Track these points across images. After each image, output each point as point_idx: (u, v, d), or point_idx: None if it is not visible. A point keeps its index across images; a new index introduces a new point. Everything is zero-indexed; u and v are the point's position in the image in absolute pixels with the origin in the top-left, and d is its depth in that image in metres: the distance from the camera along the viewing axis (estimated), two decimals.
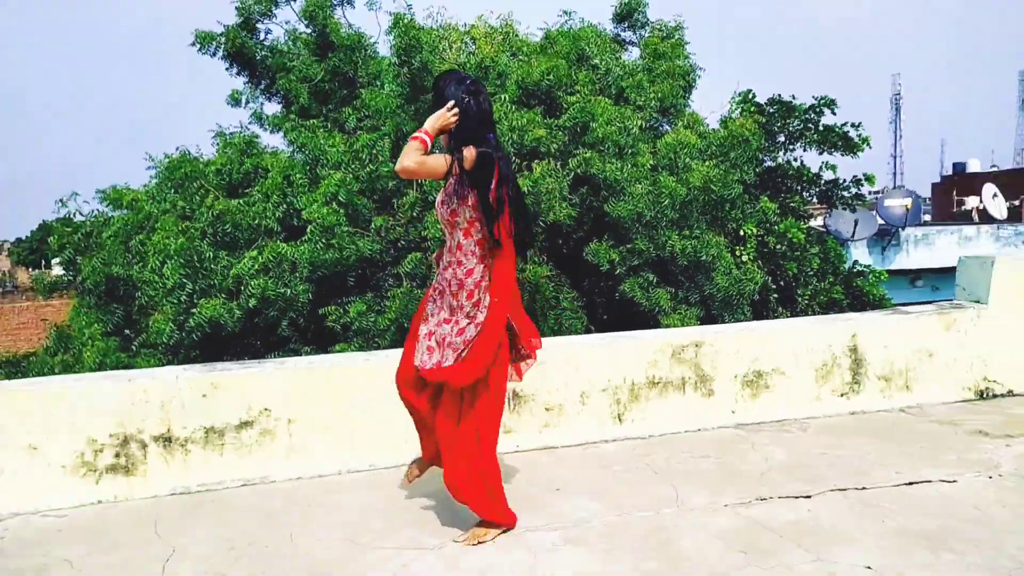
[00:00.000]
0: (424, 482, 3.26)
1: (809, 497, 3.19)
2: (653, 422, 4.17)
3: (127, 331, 7.29)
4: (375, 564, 2.74)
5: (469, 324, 2.81)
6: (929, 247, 13.42)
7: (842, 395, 4.44)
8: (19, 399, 3.45)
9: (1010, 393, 4.65)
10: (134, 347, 7.05)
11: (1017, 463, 3.48)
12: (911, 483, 3.30)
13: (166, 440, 3.54)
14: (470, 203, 2.79)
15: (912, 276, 13.77)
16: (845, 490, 3.25)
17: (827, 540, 2.78)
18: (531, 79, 7.01)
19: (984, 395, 4.61)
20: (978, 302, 4.73)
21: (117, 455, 3.49)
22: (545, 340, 4.48)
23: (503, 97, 6.70)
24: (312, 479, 3.66)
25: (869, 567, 2.56)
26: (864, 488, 3.27)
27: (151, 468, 3.52)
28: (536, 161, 6.10)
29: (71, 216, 7.60)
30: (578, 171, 6.05)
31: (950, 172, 38.69)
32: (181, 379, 3.57)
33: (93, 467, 3.47)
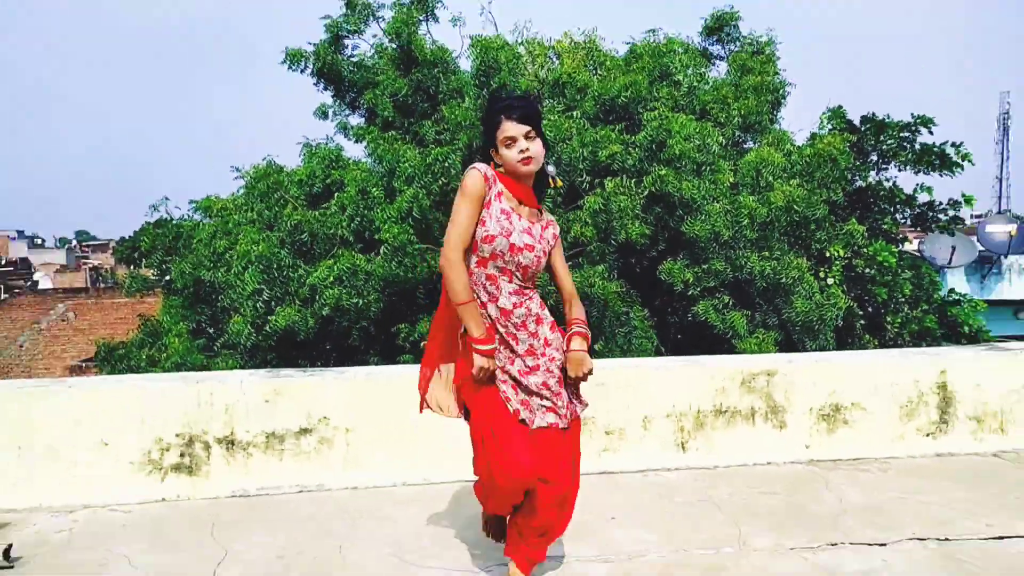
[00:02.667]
0: (474, 503, 3.18)
1: (884, 545, 2.95)
2: (719, 452, 3.97)
3: (211, 331, 7.55)
4: None
5: (557, 351, 2.53)
6: None
7: (928, 435, 4.13)
8: (94, 396, 3.58)
9: None
10: (216, 347, 7.29)
11: None
12: (1002, 537, 3.01)
13: (229, 443, 3.60)
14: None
15: (1016, 307, 12.85)
16: (925, 540, 2.99)
17: None
18: (609, 95, 6.89)
19: None
20: None
21: (182, 455, 3.57)
22: (609, 361, 4.36)
23: (576, 113, 6.61)
24: (367, 489, 3.65)
25: None
26: (947, 539, 3.00)
27: (214, 469, 3.59)
28: (609, 178, 5.97)
29: (165, 220, 7.97)
30: (653, 188, 5.89)
31: None
32: (245, 384, 3.63)
33: (159, 465, 3.56)
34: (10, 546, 2.93)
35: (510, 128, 2.44)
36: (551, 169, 2.58)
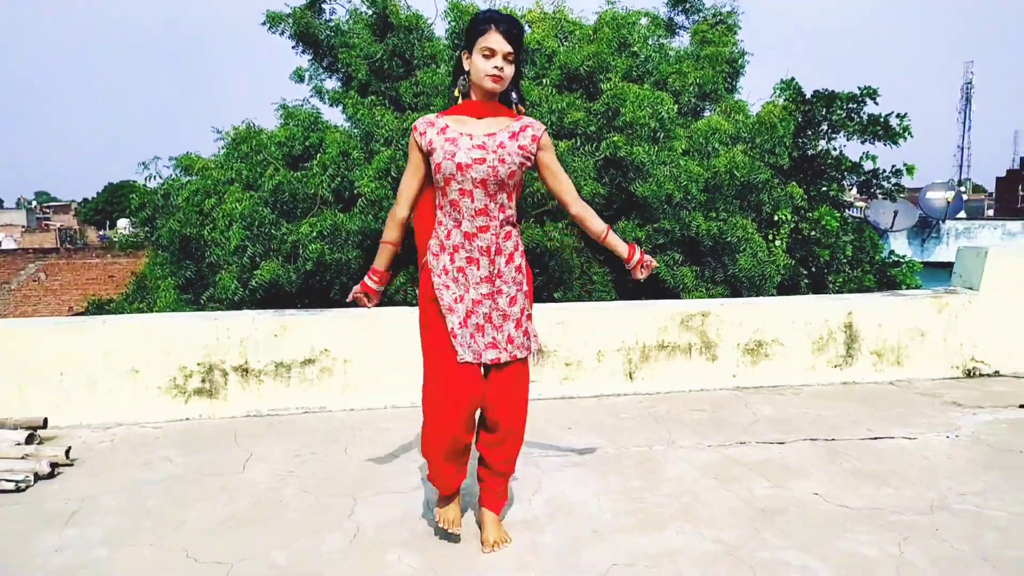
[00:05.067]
0: None
1: (783, 444, 3.77)
2: (661, 381, 4.76)
3: (197, 286, 8.13)
4: (411, 471, 3.42)
5: (518, 292, 2.66)
6: (970, 240, 13.55)
7: (836, 367, 4.97)
8: (125, 331, 4.22)
9: (996, 374, 5.10)
10: (202, 300, 7.88)
11: (976, 428, 3.98)
12: (876, 438, 3.85)
13: (243, 371, 4.28)
14: (527, 164, 2.61)
15: (951, 269, 13.95)
16: (816, 440, 3.81)
17: (788, 474, 3.36)
18: (573, 64, 7.54)
19: (971, 374, 5.08)
20: (971, 289, 5.18)
21: (203, 380, 4.25)
22: (568, 304, 5.11)
23: (545, 81, 7.26)
24: (363, 411, 4.37)
25: (816, 493, 3.14)
26: (833, 439, 3.82)
27: (230, 393, 4.27)
28: (565, 140, 6.66)
29: (149, 178, 8.44)
30: (608, 153, 6.59)
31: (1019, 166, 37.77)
32: (257, 320, 4.30)
33: (183, 389, 4.23)
34: (69, 448, 3.59)
35: (494, 40, 2.47)
36: (514, 96, 2.63)
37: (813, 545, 2.68)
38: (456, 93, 2.61)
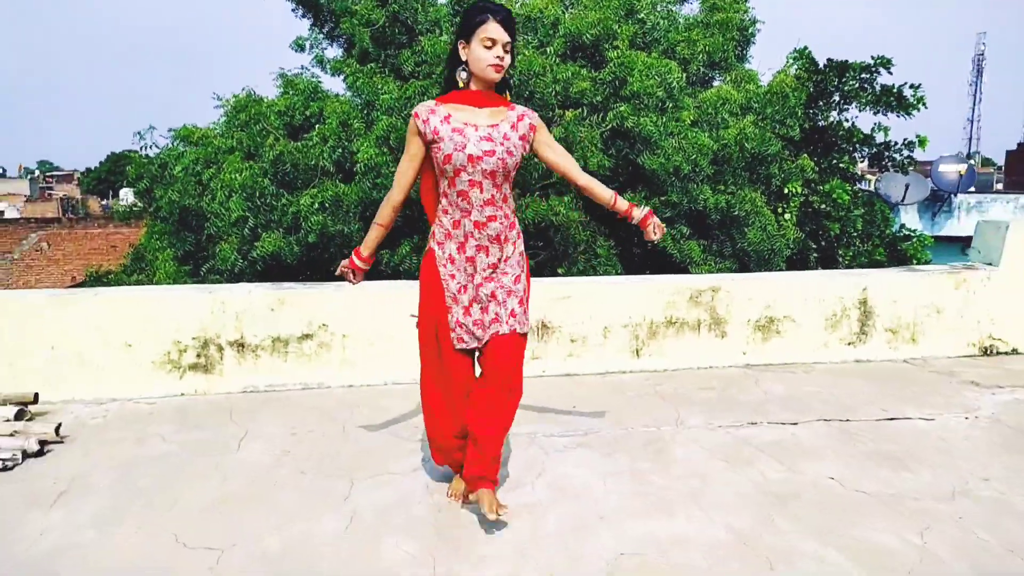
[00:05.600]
0: None
1: (795, 424, 3.64)
2: (668, 357, 4.63)
3: (197, 257, 7.99)
4: (410, 452, 3.30)
5: (521, 273, 2.69)
6: (983, 215, 13.32)
7: (849, 344, 4.82)
8: (118, 304, 4.09)
9: (1014, 351, 4.95)
10: (202, 272, 7.75)
11: (995, 408, 3.84)
12: (892, 419, 3.71)
13: (240, 345, 4.15)
14: (526, 151, 2.66)
15: (963, 244, 13.72)
16: (829, 420, 3.68)
17: (801, 456, 3.23)
18: (578, 31, 7.30)
19: (988, 352, 4.93)
20: (991, 264, 5.01)
21: (198, 355, 4.12)
22: (573, 278, 4.96)
23: (548, 50, 7.03)
24: (362, 387, 4.25)
25: (831, 477, 3.01)
26: (848, 420, 3.69)
27: (226, 368, 4.15)
28: (570, 110, 6.45)
29: (145, 148, 8.28)
30: (615, 124, 6.39)
31: None
32: (253, 294, 4.16)
33: (178, 364, 4.11)
34: (59, 425, 3.48)
35: (494, 30, 2.46)
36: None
37: (829, 533, 2.55)
38: (460, 84, 2.60)
